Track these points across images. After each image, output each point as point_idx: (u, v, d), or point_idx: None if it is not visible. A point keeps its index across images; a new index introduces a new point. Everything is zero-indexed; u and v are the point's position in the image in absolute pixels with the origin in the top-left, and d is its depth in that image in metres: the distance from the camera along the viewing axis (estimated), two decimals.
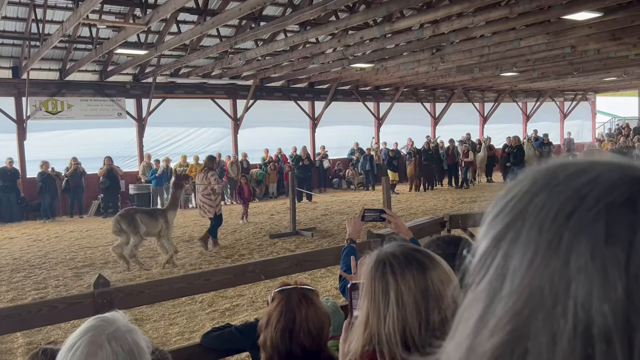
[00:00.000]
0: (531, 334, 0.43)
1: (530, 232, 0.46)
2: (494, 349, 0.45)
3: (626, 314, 0.41)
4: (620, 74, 19.39)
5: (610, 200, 0.44)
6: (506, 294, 0.45)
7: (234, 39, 11.91)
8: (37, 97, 15.43)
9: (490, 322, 0.46)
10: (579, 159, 0.50)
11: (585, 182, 0.46)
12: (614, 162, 0.49)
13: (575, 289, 0.43)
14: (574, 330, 0.42)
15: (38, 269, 8.80)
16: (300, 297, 1.82)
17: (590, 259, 0.43)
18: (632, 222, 0.43)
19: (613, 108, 33.28)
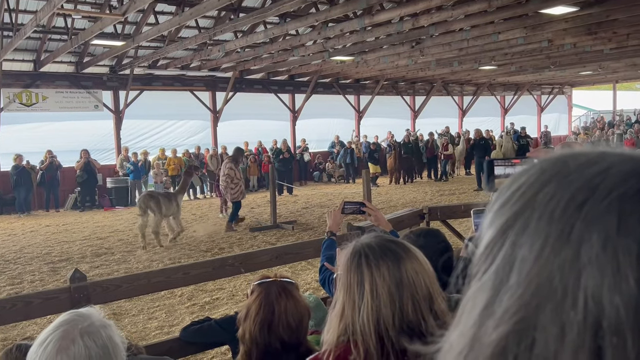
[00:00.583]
0: (539, 324, 0.43)
1: (540, 221, 0.45)
2: (501, 339, 0.44)
3: (638, 306, 0.41)
4: (595, 68, 19.74)
5: (622, 191, 0.44)
6: (514, 283, 0.45)
7: (213, 30, 11.79)
8: (11, 88, 15.07)
9: (496, 312, 0.45)
10: (588, 149, 0.50)
11: (597, 173, 0.45)
12: (625, 153, 0.48)
13: (586, 280, 0.42)
14: (584, 322, 0.41)
15: (13, 263, 8.63)
16: (280, 290, 1.81)
17: (602, 250, 0.42)
18: (636, 220, 0.43)
19: (589, 102, 33.93)
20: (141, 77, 16.91)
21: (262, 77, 19.46)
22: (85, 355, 1.26)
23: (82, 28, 12.53)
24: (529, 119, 27.59)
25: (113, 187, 15.74)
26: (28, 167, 14.58)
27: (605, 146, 0.51)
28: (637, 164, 0.46)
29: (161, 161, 16.61)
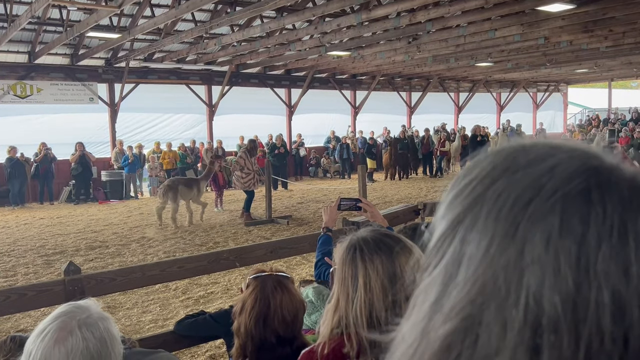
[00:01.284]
0: (483, 322, 0.44)
1: (488, 219, 0.46)
2: (447, 334, 0.45)
3: (575, 306, 0.42)
4: (591, 66, 19.79)
5: (566, 191, 0.45)
6: (461, 280, 0.46)
7: (209, 23, 11.74)
8: (5, 80, 14.97)
9: (445, 308, 0.46)
10: (541, 141, 0.50)
11: (544, 171, 0.46)
12: (577, 148, 0.48)
13: (528, 279, 0.43)
14: (524, 320, 0.42)
15: (7, 256, 8.60)
16: (275, 284, 1.81)
17: (544, 250, 0.43)
18: (586, 215, 0.44)
19: (584, 99, 34.04)
20: (137, 70, 16.83)
21: (258, 72, 19.40)
22: (83, 347, 1.26)
23: (78, 20, 12.45)
24: (524, 116, 27.67)
25: (108, 180, 15.69)
26: (22, 159, 14.50)
27: (560, 139, 0.50)
28: (584, 161, 0.46)
29: (156, 154, 16.57)
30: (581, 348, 0.41)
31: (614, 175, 0.46)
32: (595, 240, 0.43)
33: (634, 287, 0.43)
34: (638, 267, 0.43)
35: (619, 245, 0.43)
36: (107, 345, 1.31)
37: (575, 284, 0.42)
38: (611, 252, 0.43)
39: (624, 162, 0.49)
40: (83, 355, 1.26)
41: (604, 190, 0.45)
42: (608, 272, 0.43)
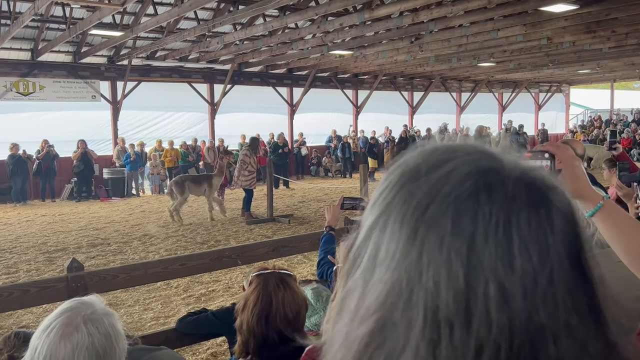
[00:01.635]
0: (393, 322, 0.47)
1: (395, 224, 0.50)
2: (363, 336, 0.48)
3: (466, 301, 0.46)
4: (594, 66, 19.76)
5: (457, 194, 0.48)
6: (375, 283, 0.49)
7: (212, 22, 11.73)
8: (8, 77, 14.98)
9: (361, 310, 0.49)
10: (442, 146, 0.53)
11: (440, 176, 0.50)
12: (473, 151, 0.52)
13: (426, 279, 0.47)
14: (424, 318, 0.46)
15: (9, 252, 8.61)
16: (278, 282, 1.82)
17: (438, 251, 0.47)
18: (475, 215, 0.47)
19: (586, 100, 33.98)
20: (139, 68, 16.84)
21: (260, 70, 19.40)
22: (89, 342, 1.27)
23: (81, 18, 12.46)
24: (526, 116, 27.62)
25: (109, 177, 15.70)
26: (24, 156, 14.52)
27: (463, 140, 0.55)
28: (477, 164, 0.50)
29: (158, 153, 16.58)
30: (472, 338, 0.45)
31: (502, 175, 0.50)
32: (483, 238, 0.47)
33: (517, 279, 0.46)
34: (521, 260, 0.47)
35: (505, 240, 0.47)
36: (112, 341, 1.32)
37: (466, 280, 0.46)
38: (497, 248, 0.47)
39: (522, 160, 0.52)
40: (88, 350, 1.27)
41: (491, 189, 0.49)
42: (494, 267, 0.46)
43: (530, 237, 0.48)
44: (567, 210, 0.51)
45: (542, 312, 0.47)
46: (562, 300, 0.48)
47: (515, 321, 0.46)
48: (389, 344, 0.48)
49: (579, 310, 0.48)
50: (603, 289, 0.52)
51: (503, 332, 0.46)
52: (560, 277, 0.48)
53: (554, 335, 0.47)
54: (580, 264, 0.51)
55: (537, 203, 0.49)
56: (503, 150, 0.53)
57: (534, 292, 0.47)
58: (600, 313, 0.50)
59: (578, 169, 1.23)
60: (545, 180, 0.51)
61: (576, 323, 0.48)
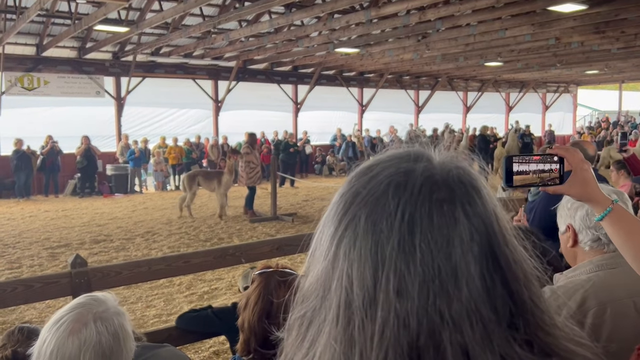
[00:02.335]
0: (317, 309, 0.56)
1: (327, 223, 0.59)
2: (295, 320, 0.59)
3: (372, 292, 0.52)
4: (602, 67, 19.64)
5: (372, 194, 0.55)
6: (309, 276, 0.59)
7: (217, 18, 11.69)
8: (13, 72, 14.97)
9: (299, 299, 0.60)
10: (379, 155, 0.60)
11: (365, 181, 0.57)
12: (400, 156, 0.58)
13: (340, 272, 0.54)
14: (337, 307, 0.54)
15: (12, 248, 8.60)
16: (279, 281, 1.81)
17: (352, 246, 0.54)
18: (383, 212, 0.54)
19: (594, 101, 33.78)
20: (143, 64, 16.81)
21: (265, 68, 19.35)
22: (96, 340, 1.28)
23: (86, 13, 12.42)
24: (533, 117, 27.46)
25: (113, 174, 15.68)
26: (28, 151, 14.52)
27: (398, 149, 0.62)
28: (397, 166, 0.57)
29: (162, 149, 16.56)
30: (377, 326, 0.51)
31: (414, 175, 0.55)
32: (388, 233, 0.53)
33: (417, 270, 0.52)
34: (421, 253, 0.52)
35: (408, 234, 0.53)
36: (120, 341, 1.33)
37: (372, 272, 0.52)
38: (400, 241, 0.52)
39: (453, 160, 0.58)
40: (95, 348, 1.27)
41: (400, 188, 0.54)
42: (397, 259, 0.52)
43: (432, 231, 0.53)
44: (478, 207, 0.55)
45: (442, 299, 0.51)
46: (465, 290, 0.52)
47: (414, 308, 0.51)
48: (312, 329, 0.56)
49: (486, 299, 0.52)
50: (528, 285, 0.55)
51: (403, 319, 0.51)
52: (465, 268, 0.52)
53: (454, 321, 0.51)
54: (495, 257, 0.54)
55: (442, 200, 0.54)
56: (437, 153, 0.59)
57: (432, 281, 0.51)
58: (515, 307, 0.54)
59: (587, 173, 1.20)
60: (457, 178, 0.56)
61: (480, 311, 0.52)
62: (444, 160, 0.57)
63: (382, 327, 0.51)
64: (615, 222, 1.20)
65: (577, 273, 1.55)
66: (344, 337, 0.52)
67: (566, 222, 1.61)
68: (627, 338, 1.41)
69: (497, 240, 0.55)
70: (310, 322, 0.56)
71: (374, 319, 0.51)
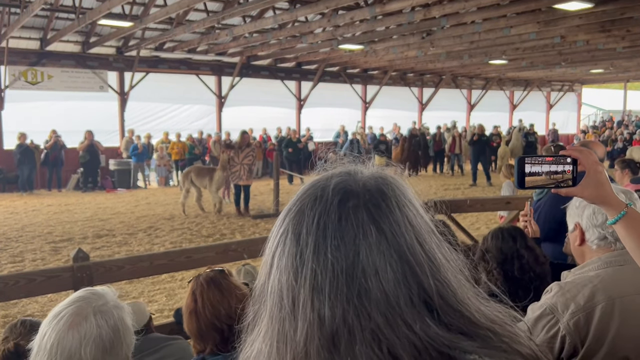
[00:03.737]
0: (259, 310, 0.65)
1: (268, 245, 0.67)
2: (253, 314, 0.67)
3: (294, 298, 0.60)
4: (607, 66, 19.54)
5: (298, 207, 0.66)
6: (258, 280, 0.68)
7: (221, 14, 11.66)
8: (17, 66, 14.98)
9: (252, 302, 0.69)
10: (309, 182, 0.70)
11: (297, 198, 0.68)
12: (330, 175, 0.69)
13: (273, 278, 0.63)
14: (271, 310, 0.62)
15: (14, 242, 8.61)
16: (204, 281, 1.90)
17: (282, 255, 0.63)
18: (303, 222, 0.63)
19: (598, 100, 33.65)
20: (147, 59, 16.80)
21: (269, 64, 19.32)
22: (96, 334, 1.28)
23: (90, 7, 12.41)
24: (537, 115, 27.37)
25: (116, 169, 15.69)
26: (32, 146, 14.53)
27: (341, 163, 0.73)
28: (323, 183, 0.67)
29: (165, 145, 16.56)
30: (300, 319, 0.59)
31: (329, 188, 0.64)
32: (306, 240, 0.61)
33: (327, 274, 0.59)
34: (332, 254, 0.60)
35: (322, 239, 0.60)
36: (120, 335, 1.33)
37: (295, 276, 0.60)
38: (315, 246, 0.60)
39: (373, 171, 0.69)
40: (95, 342, 1.28)
41: (316, 200, 0.64)
42: (312, 264, 0.60)
43: (341, 232, 0.60)
44: (382, 208, 0.62)
45: (352, 293, 0.58)
46: (373, 282, 0.58)
47: (327, 302, 0.58)
48: (255, 328, 0.64)
49: (393, 290, 0.58)
50: (435, 274, 0.61)
51: (319, 312, 0.57)
52: (371, 263, 0.58)
53: (364, 310, 0.57)
54: (403, 253, 0.60)
55: (350, 206, 0.61)
56: (369, 168, 0.69)
57: (343, 278, 0.58)
58: (426, 294, 0.59)
59: (602, 175, 1.18)
60: (365, 186, 0.64)
61: (388, 300, 0.57)
62: (368, 173, 0.67)
63: (303, 320, 0.58)
64: (629, 226, 1.18)
65: (585, 270, 1.55)
66: (276, 332, 0.60)
67: (574, 221, 1.61)
68: (635, 333, 1.40)
69: (404, 237, 0.62)
70: (256, 322, 0.64)
71: (297, 314, 0.59)
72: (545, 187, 1.19)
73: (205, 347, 1.84)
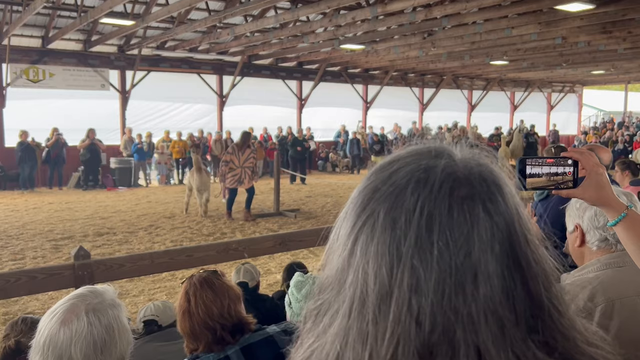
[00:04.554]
0: (329, 301, 0.57)
1: (345, 218, 0.59)
2: (310, 311, 0.59)
3: (387, 286, 0.52)
4: (608, 67, 19.53)
5: (391, 190, 0.55)
6: (325, 269, 0.59)
7: (223, 13, 11.66)
8: (18, 64, 14.99)
9: (317, 288, 0.60)
10: (399, 152, 0.60)
11: (385, 176, 0.57)
12: (420, 152, 0.58)
13: (357, 268, 0.54)
14: (351, 300, 0.54)
15: (15, 239, 8.62)
16: (197, 282, 1.92)
17: (370, 241, 0.54)
18: (402, 208, 0.53)
19: (599, 102, 33.63)
20: (149, 58, 16.81)
21: (270, 63, 19.32)
22: (88, 332, 1.27)
23: (92, 6, 12.42)
24: (538, 116, 27.36)
25: (117, 167, 15.71)
26: (33, 143, 14.54)
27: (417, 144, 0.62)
28: (418, 162, 0.56)
29: (166, 143, 16.57)
30: (389, 320, 0.51)
31: (435, 171, 0.55)
32: (405, 228, 0.52)
33: (433, 267, 0.51)
34: (438, 250, 0.51)
35: (425, 230, 0.52)
36: (114, 334, 1.31)
37: (389, 268, 0.52)
38: (417, 237, 0.52)
39: (474, 157, 0.57)
40: (86, 340, 1.27)
41: (420, 184, 0.54)
42: (413, 255, 0.52)
43: (451, 228, 0.52)
44: (500, 205, 0.54)
45: (458, 297, 0.51)
46: (484, 288, 0.51)
47: (429, 305, 0.51)
48: (325, 319, 0.56)
49: (504, 299, 0.51)
50: (547, 286, 0.54)
51: (418, 316, 0.51)
52: (484, 266, 0.51)
53: (471, 319, 0.50)
54: (515, 257, 0.53)
55: (462, 197, 0.53)
56: (459, 149, 0.58)
57: (449, 278, 0.51)
58: (534, 309, 0.53)
59: (602, 177, 1.18)
60: (479, 175, 0.55)
61: (498, 311, 0.51)
62: (466, 157, 0.57)
63: (395, 323, 0.51)
64: (630, 228, 1.19)
65: (584, 272, 1.55)
66: (355, 331, 0.53)
67: (574, 222, 1.61)
68: (635, 335, 1.40)
69: (519, 240, 0.54)
70: (324, 313, 0.57)
71: (387, 315, 0.51)
72: (546, 188, 1.19)
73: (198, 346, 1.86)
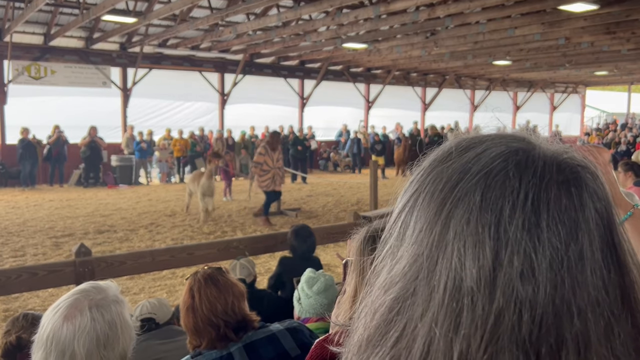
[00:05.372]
0: (414, 292, 0.50)
1: (423, 202, 0.52)
2: (386, 302, 0.52)
3: (491, 273, 0.47)
4: (611, 68, 19.50)
5: (487, 171, 0.50)
6: (400, 257, 0.53)
7: (225, 11, 11.65)
8: (20, 61, 14.99)
9: (387, 282, 0.53)
10: (476, 134, 0.56)
11: (471, 157, 0.52)
12: (504, 135, 0.54)
13: (451, 251, 0.49)
14: (445, 288, 0.48)
15: (16, 236, 8.62)
16: (201, 278, 1.93)
17: (466, 224, 0.49)
18: (504, 190, 0.49)
19: (602, 103, 33.57)
20: (150, 56, 16.80)
21: (272, 62, 19.31)
22: (91, 327, 1.27)
23: (94, 3, 12.40)
24: (541, 117, 27.35)
25: (118, 165, 15.70)
26: (34, 141, 14.54)
27: (489, 131, 0.57)
28: (507, 145, 0.52)
29: (167, 141, 16.57)
30: (494, 308, 0.46)
31: (533, 154, 0.51)
32: (511, 212, 0.48)
33: (544, 252, 0.47)
34: (549, 234, 0.48)
35: (533, 215, 0.48)
36: (117, 330, 1.31)
37: (492, 252, 0.48)
38: (524, 221, 0.48)
39: (549, 142, 0.54)
40: (89, 335, 1.27)
41: (521, 166, 0.50)
42: (521, 240, 0.48)
43: (560, 212, 0.49)
44: (600, 191, 0.52)
45: (569, 286, 0.47)
46: (590, 277, 0.48)
47: (539, 293, 0.47)
48: (409, 311, 0.50)
49: (608, 289, 0.49)
50: (635, 273, 0.52)
51: (526, 304, 0.47)
52: (590, 254, 0.49)
53: (579, 310, 0.47)
54: (613, 245, 0.51)
55: (568, 181, 0.50)
56: (529, 134, 0.55)
57: (560, 266, 0.47)
58: (630, 296, 0.50)
59: (610, 175, 1.17)
60: (578, 161, 0.53)
61: (604, 301, 0.48)
62: (546, 142, 0.54)
63: (500, 313, 0.46)
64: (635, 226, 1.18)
65: None
66: (448, 322, 0.48)
67: None
68: None
69: (616, 229, 0.52)
70: (400, 307, 0.51)
71: (491, 304, 0.47)
72: None
73: (201, 342, 1.86)
